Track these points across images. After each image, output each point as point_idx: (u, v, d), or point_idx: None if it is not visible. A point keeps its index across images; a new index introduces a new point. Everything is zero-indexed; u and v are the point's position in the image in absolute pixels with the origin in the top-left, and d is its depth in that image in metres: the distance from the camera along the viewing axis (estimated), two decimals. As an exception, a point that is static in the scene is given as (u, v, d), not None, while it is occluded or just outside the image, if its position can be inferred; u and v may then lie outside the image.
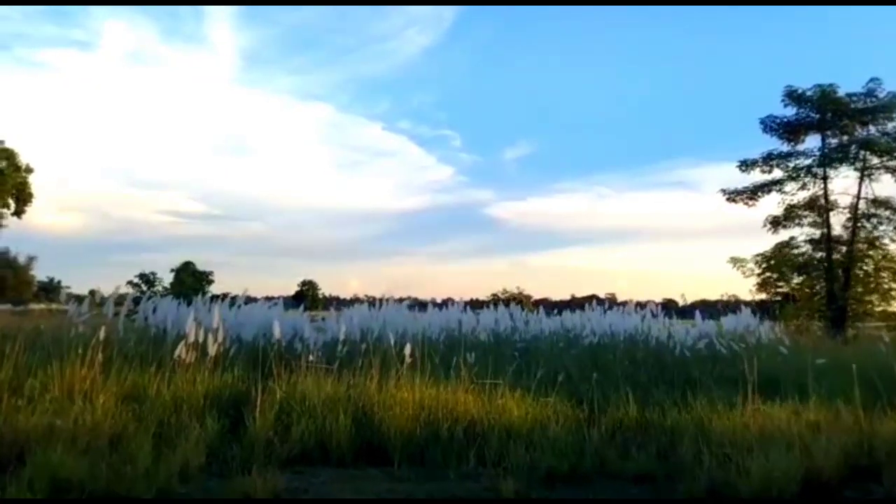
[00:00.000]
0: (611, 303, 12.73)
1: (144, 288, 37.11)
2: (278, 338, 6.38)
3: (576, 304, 11.82)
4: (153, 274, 39.29)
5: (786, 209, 22.31)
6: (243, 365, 6.78)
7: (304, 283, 63.45)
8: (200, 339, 6.26)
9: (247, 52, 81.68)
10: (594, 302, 12.51)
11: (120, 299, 8.62)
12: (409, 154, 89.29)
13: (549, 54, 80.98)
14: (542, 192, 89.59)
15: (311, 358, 6.27)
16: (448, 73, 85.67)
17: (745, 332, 11.35)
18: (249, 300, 9.90)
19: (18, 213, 31.21)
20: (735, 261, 23.08)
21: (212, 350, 6.19)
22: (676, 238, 78.96)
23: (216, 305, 7.47)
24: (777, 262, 22.16)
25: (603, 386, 7.16)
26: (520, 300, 20.48)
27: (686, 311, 15.31)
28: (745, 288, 22.86)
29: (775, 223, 22.37)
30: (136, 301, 9.21)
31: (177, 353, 6.02)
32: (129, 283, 37.50)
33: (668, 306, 13.81)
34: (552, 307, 12.18)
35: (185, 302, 9.02)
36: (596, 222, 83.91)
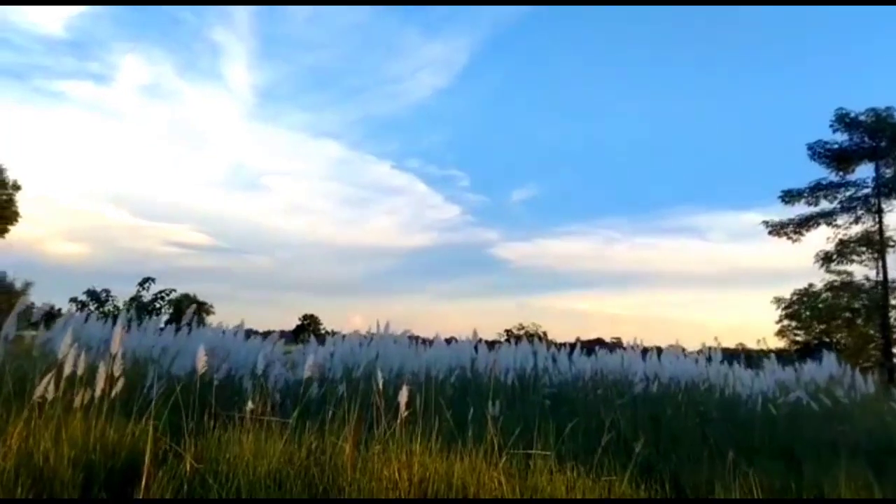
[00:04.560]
0: (623, 346, 10.61)
1: (92, 307, 32.16)
2: (201, 371, 4.12)
3: (581, 346, 10.02)
4: (106, 291, 33.92)
5: (838, 244, 20.01)
6: (162, 411, 4.56)
7: (305, 318, 60.95)
8: (81, 370, 4.03)
9: (260, 88, 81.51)
10: (639, 344, 10.34)
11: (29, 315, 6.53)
12: (417, 192, 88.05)
13: (558, 97, 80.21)
14: (549, 235, 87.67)
15: (249, 405, 3.99)
16: (458, 115, 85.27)
17: (832, 383, 9.23)
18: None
19: (1, 231, 28.80)
20: (778, 301, 20.77)
21: (98, 387, 3.95)
22: (683, 284, 76.35)
23: (138, 325, 5.21)
24: (833, 305, 19.73)
25: (673, 450, 5.65)
26: (539, 337, 18.21)
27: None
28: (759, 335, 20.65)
29: (827, 259, 20.02)
30: (51, 318, 6.96)
31: (38, 391, 3.78)
32: (73, 300, 33.03)
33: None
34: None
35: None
36: (603, 266, 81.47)
